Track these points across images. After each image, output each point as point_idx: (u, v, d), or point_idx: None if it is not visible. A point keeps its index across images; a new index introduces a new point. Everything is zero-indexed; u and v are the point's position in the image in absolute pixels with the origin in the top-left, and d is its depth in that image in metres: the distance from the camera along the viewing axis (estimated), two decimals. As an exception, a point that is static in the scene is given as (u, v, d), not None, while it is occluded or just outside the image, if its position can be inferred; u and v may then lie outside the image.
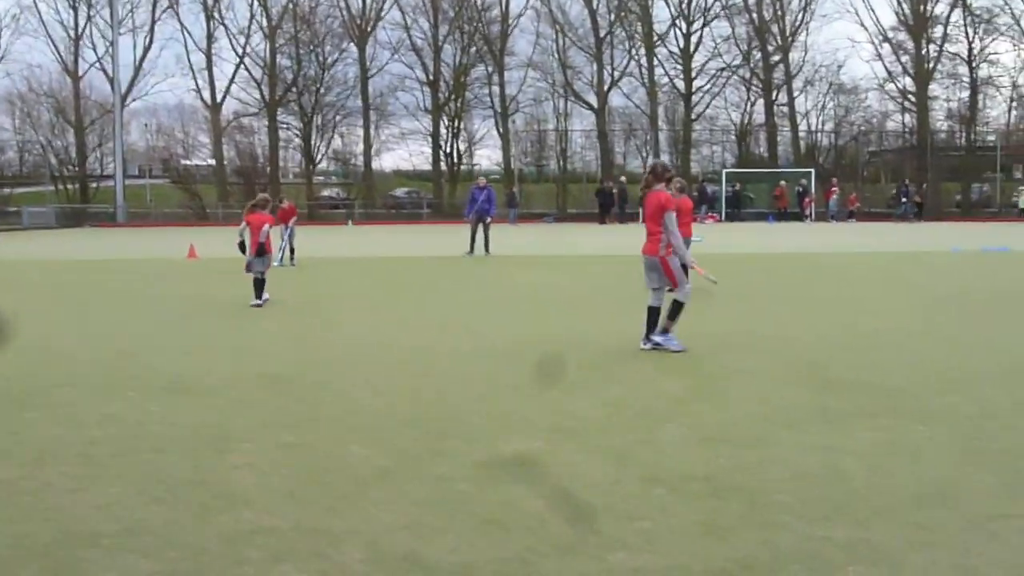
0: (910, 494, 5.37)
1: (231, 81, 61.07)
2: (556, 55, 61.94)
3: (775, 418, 7.15)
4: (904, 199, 51.68)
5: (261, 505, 5.22)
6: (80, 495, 5.40)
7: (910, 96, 61.82)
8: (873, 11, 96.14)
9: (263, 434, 6.74)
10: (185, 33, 60.26)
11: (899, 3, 60.74)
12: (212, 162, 62.76)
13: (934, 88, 61.99)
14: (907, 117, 63.73)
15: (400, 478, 5.72)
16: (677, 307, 10.05)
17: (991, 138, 62.83)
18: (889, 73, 62.17)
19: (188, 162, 64.91)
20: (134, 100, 61.58)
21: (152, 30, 60.50)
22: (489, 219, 25.76)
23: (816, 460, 6.02)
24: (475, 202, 25.77)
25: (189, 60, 60.49)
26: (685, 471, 5.81)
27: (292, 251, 22.23)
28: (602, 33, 61.33)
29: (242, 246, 14.48)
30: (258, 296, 14.36)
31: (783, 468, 5.86)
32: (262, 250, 14.55)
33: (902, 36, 61.50)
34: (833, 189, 52.51)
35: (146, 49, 60.64)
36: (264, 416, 7.29)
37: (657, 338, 9.99)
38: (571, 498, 5.33)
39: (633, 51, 62.35)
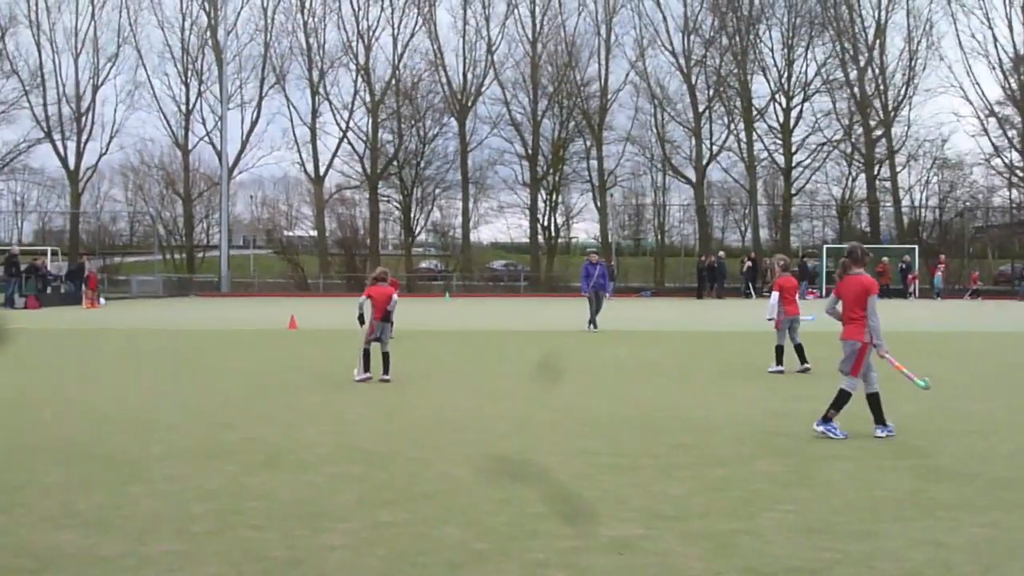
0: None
1: (334, 154, 62.58)
2: (654, 129, 62.13)
3: (879, 508, 6.92)
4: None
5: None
6: (178, 574, 5.44)
7: (1017, 171, 60.46)
8: (978, 85, 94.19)
9: (359, 512, 6.73)
10: (291, 108, 62.06)
11: (1005, 76, 59.77)
12: (314, 233, 64.03)
13: (1042, 162, 60.56)
14: (1014, 192, 62.32)
15: (495, 561, 5.65)
16: (844, 397, 9.78)
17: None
18: (995, 148, 60.93)
19: (291, 233, 66.33)
20: (240, 172, 63.51)
21: (259, 105, 62.48)
22: (608, 295, 25.70)
23: (925, 556, 5.80)
24: (590, 277, 25.70)
25: (294, 134, 62.23)
26: (788, 564, 5.64)
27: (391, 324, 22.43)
28: (700, 108, 61.36)
29: (361, 319, 14.60)
30: (385, 372, 14.35)
31: (891, 564, 5.65)
32: (387, 318, 14.67)
33: (1008, 110, 60.37)
34: (939, 265, 51.43)
35: (253, 123, 62.62)
36: (361, 493, 7.30)
37: (820, 427, 9.73)
38: (670, 589, 5.20)
39: (732, 126, 62.23)
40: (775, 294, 15.64)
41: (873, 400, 9.75)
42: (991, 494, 7.36)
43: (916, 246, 54.60)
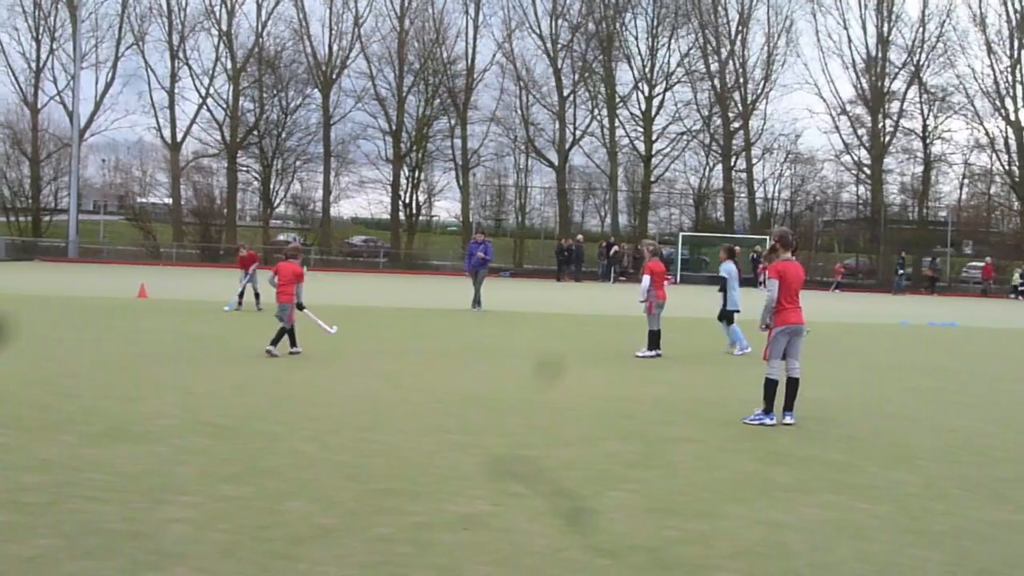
0: (855, 574, 5.35)
1: (192, 121, 60.87)
2: (519, 111, 62.44)
3: (720, 489, 7.12)
4: (900, 271, 52.77)
5: (194, 562, 5.09)
6: (7, 546, 5.24)
7: (865, 168, 62.85)
8: (833, 83, 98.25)
9: (202, 485, 6.60)
10: (149, 71, 60.10)
11: (858, 77, 62.03)
12: (169, 201, 62.34)
13: (889, 162, 63.16)
14: (862, 188, 64.79)
15: (340, 536, 5.61)
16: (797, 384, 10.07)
17: (942, 213, 64.00)
18: (845, 145, 63.28)
19: (144, 200, 64.47)
20: (93, 135, 61.19)
21: (115, 66, 60.25)
22: (485, 271, 25.58)
23: (761, 535, 5.99)
24: (472, 256, 25.61)
25: (151, 98, 60.25)
26: (630, 542, 5.75)
27: (257, 296, 22.77)
28: (565, 92, 61.87)
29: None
30: (292, 345, 14.51)
31: (728, 543, 5.82)
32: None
33: (859, 110, 62.70)
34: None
35: (108, 84, 60.35)
36: (205, 466, 7.15)
37: (790, 419, 9.86)
38: (513, 566, 5.25)
39: (595, 111, 62.95)
40: (647, 278, 15.76)
41: (792, 386, 9.99)
42: (825, 476, 7.65)
43: (768, 237, 56.19)
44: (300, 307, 14.73)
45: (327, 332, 15.26)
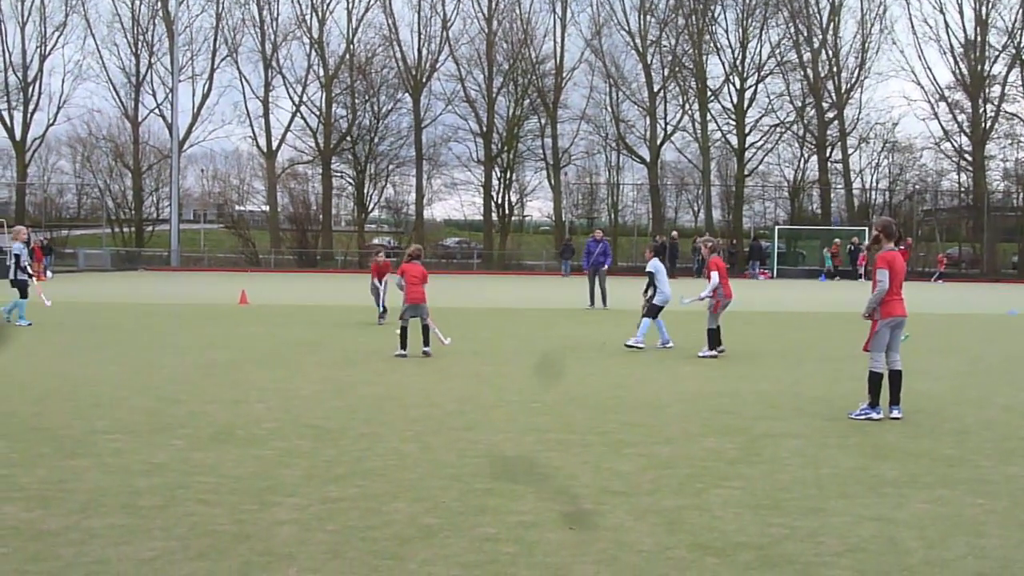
0: (970, 570, 5.21)
1: (287, 129, 62.00)
2: (609, 108, 62.22)
3: (826, 485, 6.99)
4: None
5: (304, 562, 5.16)
6: (124, 548, 5.37)
7: (966, 155, 61.30)
8: (930, 70, 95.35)
9: (308, 487, 6.69)
10: (243, 81, 61.42)
11: (956, 62, 60.51)
12: (266, 208, 63.52)
13: (991, 148, 61.56)
14: (963, 176, 63.21)
15: (444, 536, 5.64)
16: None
17: (1049, 199, 62.13)
18: (945, 132, 61.79)
19: (242, 208, 65.82)
20: (191, 146, 62.77)
21: (211, 78, 61.71)
22: (605, 269, 25.57)
23: (871, 532, 5.86)
24: (591, 254, 25.64)
25: (246, 108, 61.56)
26: (736, 539, 5.68)
27: (385, 309, 20.41)
28: (655, 87, 61.49)
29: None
30: (425, 344, 14.62)
31: (837, 539, 5.70)
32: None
33: (959, 95, 61.17)
34: (906, 247, 52.07)
35: (204, 96, 61.81)
36: (310, 468, 7.25)
37: (897, 413, 9.68)
38: (619, 564, 5.21)
39: (686, 106, 62.45)
40: (715, 275, 15.43)
41: (898, 378, 9.81)
42: (936, 471, 7.46)
43: (866, 228, 55.21)
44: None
45: (443, 343, 15.10)
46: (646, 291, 16.43)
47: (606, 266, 25.60)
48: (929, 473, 7.41)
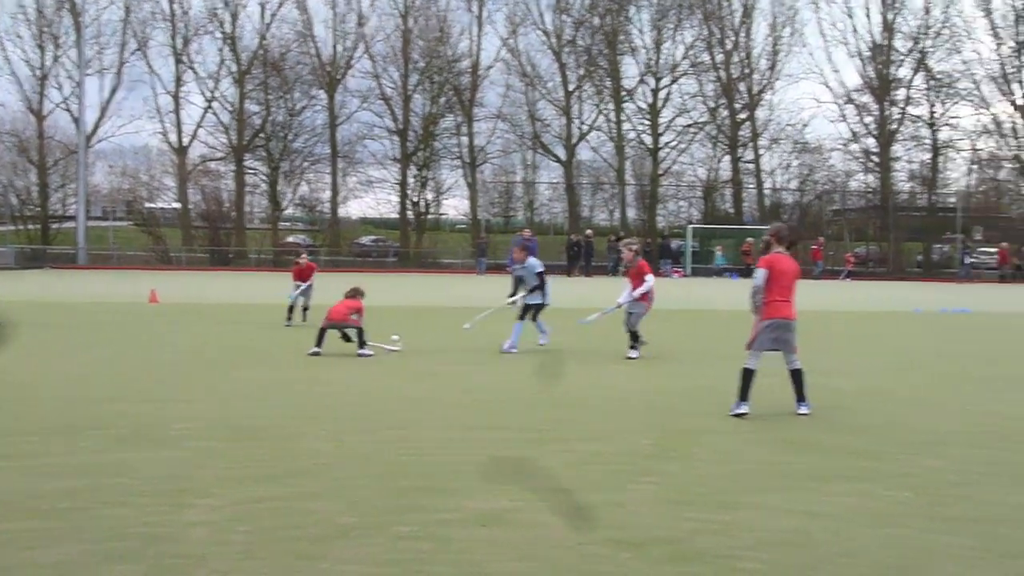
0: (882, 563, 5.32)
1: (198, 125, 60.86)
2: (525, 107, 62.38)
3: (741, 479, 7.08)
4: (967, 258, 52.39)
5: (216, 564, 5.08)
6: (33, 553, 5.25)
7: (873, 157, 62.75)
8: (838, 72, 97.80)
9: (223, 487, 6.59)
10: (153, 76, 60.14)
11: (863, 65, 61.90)
12: (177, 206, 62.38)
13: (896, 149, 63.07)
14: (870, 177, 64.68)
15: (362, 535, 5.59)
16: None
17: (951, 200, 63.75)
18: (853, 134, 63.19)
19: (152, 205, 64.51)
20: (99, 141, 61.18)
21: (120, 72, 60.24)
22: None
23: (785, 525, 5.95)
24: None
25: (156, 103, 60.25)
26: (652, 534, 5.72)
27: (306, 309, 20.02)
28: (571, 87, 61.83)
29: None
30: (318, 344, 14.39)
31: (750, 533, 5.78)
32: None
33: (866, 98, 62.58)
34: (817, 246, 53.08)
35: (113, 91, 60.35)
36: (225, 468, 7.14)
37: (804, 409, 9.71)
38: (536, 560, 5.22)
39: (601, 105, 62.90)
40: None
41: (750, 377, 9.81)
42: (850, 465, 7.61)
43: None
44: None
45: (388, 351, 14.72)
46: (515, 293, 15.60)
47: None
48: (844, 467, 7.55)
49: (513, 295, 15.34)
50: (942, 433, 9.04)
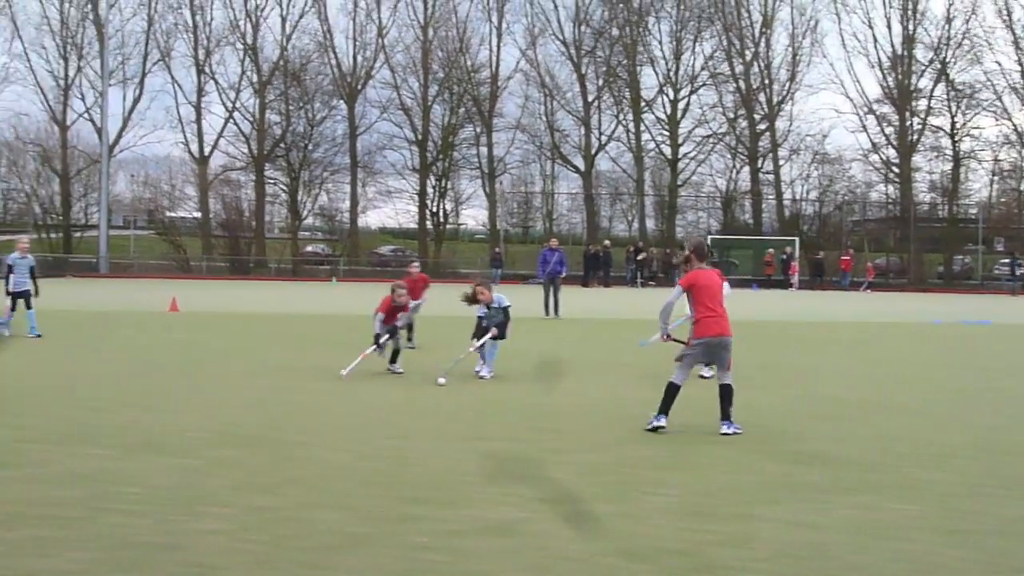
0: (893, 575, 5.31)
1: (219, 135, 61.27)
2: (544, 118, 62.48)
3: (752, 491, 7.08)
4: (1018, 270, 51.00)
5: (232, 572, 5.11)
6: (50, 560, 5.28)
7: (893, 167, 62.46)
8: (859, 82, 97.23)
9: (236, 496, 6.63)
10: (175, 86, 60.60)
11: (884, 76, 61.64)
12: (198, 215, 62.72)
13: (917, 160, 62.77)
14: (890, 188, 64.39)
15: (374, 544, 5.62)
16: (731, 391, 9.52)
17: (972, 211, 63.43)
18: (873, 144, 62.91)
19: (173, 214, 64.86)
20: (122, 151, 61.62)
21: (142, 82, 60.77)
22: (561, 278, 25.52)
23: (797, 537, 5.95)
24: (547, 263, 25.55)
25: (178, 113, 60.75)
26: (664, 545, 5.73)
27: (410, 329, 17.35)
28: (590, 97, 61.89)
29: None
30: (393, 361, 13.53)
31: (764, 545, 5.78)
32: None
33: (886, 108, 62.28)
34: (846, 258, 52.91)
35: (135, 101, 60.85)
36: (238, 477, 7.18)
37: (730, 429, 9.24)
38: (548, 571, 5.24)
39: (620, 116, 62.87)
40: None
41: (674, 392, 9.49)
42: (860, 477, 7.59)
43: (797, 238, 56.03)
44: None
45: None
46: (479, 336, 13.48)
47: (562, 275, 25.69)
48: (854, 479, 7.53)
49: (478, 337, 13.51)
50: (955, 447, 8.99)
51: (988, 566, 5.50)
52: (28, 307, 18.14)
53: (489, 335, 13.27)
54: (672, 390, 9.41)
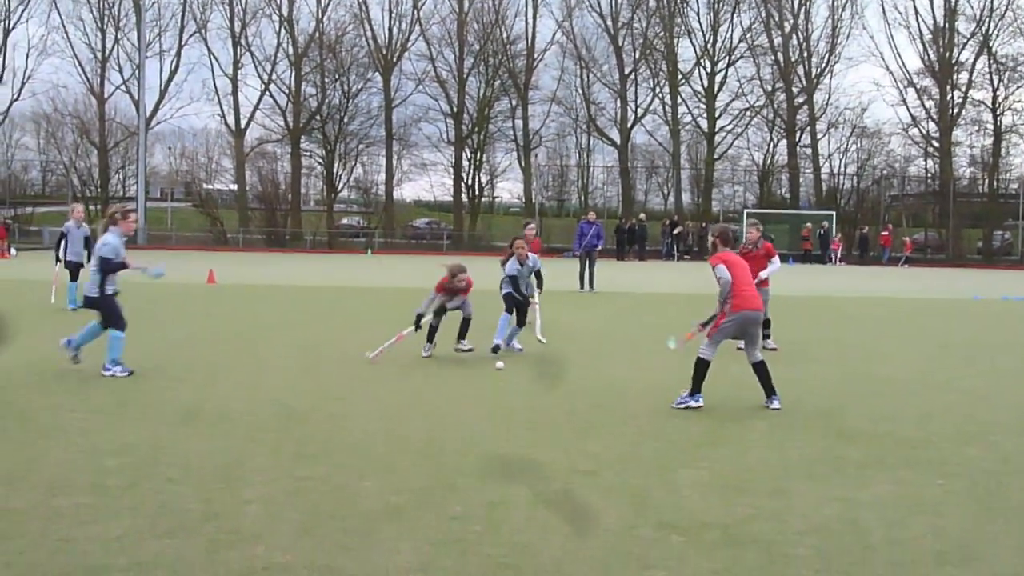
0: (930, 550, 5.30)
1: (256, 107, 61.54)
2: (580, 90, 62.29)
3: (791, 467, 7.07)
4: None
5: (272, 541, 5.17)
6: (91, 527, 5.37)
7: (933, 141, 61.73)
8: (899, 56, 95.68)
9: (276, 466, 6.70)
10: (212, 58, 60.86)
11: (925, 48, 60.84)
12: (234, 187, 63.11)
13: (958, 134, 61.97)
14: (930, 162, 63.71)
15: (413, 514, 5.66)
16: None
17: (1014, 186, 62.61)
18: (913, 118, 62.14)
19: (210, 187, 65.29)
20: (159, 123, 62.07)
21: (179, 54, 61.13)
22: (596, 252, 25.38)
23: (834, 512, 5.94)
24: (583, 236, 25.46)
25: (215, 85, 61.05)
26: (702, 519, 5.74)
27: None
28: (627, 70, 61.55)
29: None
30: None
31: (801, 520, 5.78)
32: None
33: (927, 82, 61.48)
34: (885, 233, 52.60)
35: (172, 73, 61.20)
36: (278, 448, 7.25)
37: (776, 403, 9.30)
38: (586, 542, 5.26)
39: (657, 89, 62.51)
40: (777, 259, 14.78)
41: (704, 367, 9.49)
42: (898, 453, 7.55)
43: (833, 212, 55.59)
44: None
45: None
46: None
47: (598, 248, 25.57)
48: (891, 455, 7.50)
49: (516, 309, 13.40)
50: (995, 424, 8.91)
51: (1029, 544, 5.47)
52: (73, 279, 18.00)
53: (536, 301, 13.79)
54: (702, 366, 9.38)
